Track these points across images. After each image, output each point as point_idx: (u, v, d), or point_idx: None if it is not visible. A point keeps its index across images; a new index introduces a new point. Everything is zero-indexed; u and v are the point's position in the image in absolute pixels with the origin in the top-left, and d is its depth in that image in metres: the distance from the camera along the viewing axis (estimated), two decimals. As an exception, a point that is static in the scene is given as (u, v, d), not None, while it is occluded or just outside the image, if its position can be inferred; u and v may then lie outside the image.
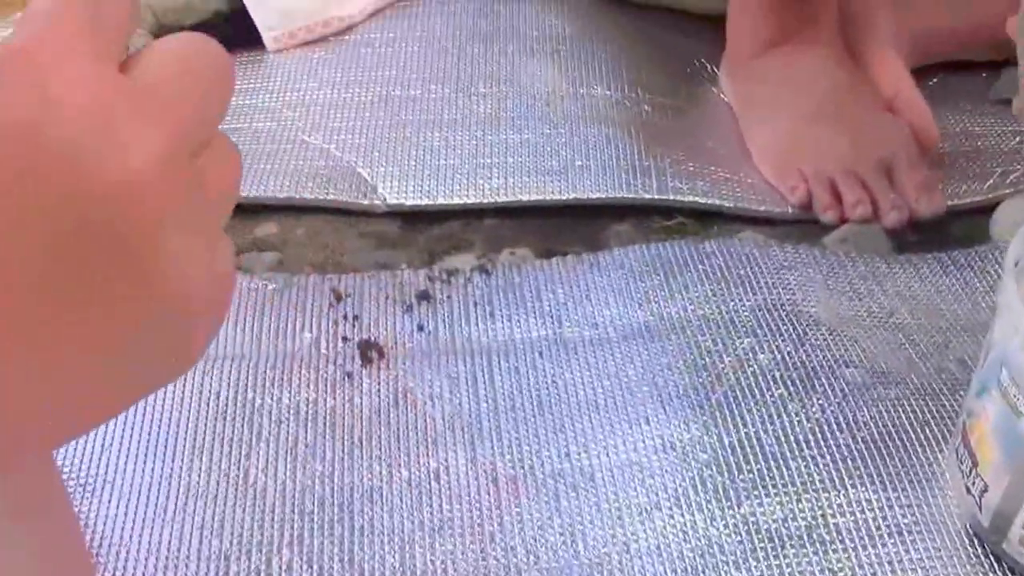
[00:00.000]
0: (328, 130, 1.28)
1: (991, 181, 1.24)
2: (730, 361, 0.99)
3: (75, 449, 0.90)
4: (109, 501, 0.87)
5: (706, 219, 1.20)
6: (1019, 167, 1.26)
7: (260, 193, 1.20)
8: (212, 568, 0.82)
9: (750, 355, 1.00)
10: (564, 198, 1.20)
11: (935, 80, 1.39)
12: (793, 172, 1.22)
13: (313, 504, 0.87)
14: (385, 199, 1.19)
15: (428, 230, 1.18)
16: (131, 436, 0.92)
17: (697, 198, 1.20)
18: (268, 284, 1.07)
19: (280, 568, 0.83)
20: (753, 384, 0.97)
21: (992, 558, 0.84)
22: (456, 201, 1.19)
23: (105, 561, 0.82)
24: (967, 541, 0.85)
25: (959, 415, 0.88)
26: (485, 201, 1.20)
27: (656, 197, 1.20)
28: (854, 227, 1.17)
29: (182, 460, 0.90)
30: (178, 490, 0.88)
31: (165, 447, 0.91)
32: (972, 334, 1.01)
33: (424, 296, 1.06)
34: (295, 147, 1.26)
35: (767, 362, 0.99)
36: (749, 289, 1.07)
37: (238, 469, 0.89)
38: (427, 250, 1.15)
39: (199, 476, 0.89)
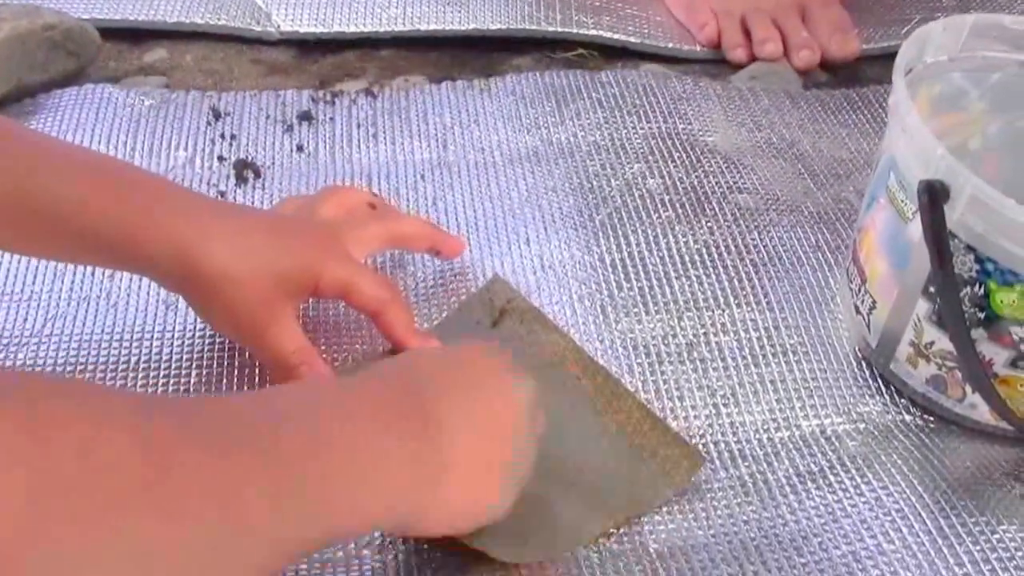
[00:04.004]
0: (222, -42, 1.22)
1: (908, 28, 1.19)
2: (617, 185, 0.95)
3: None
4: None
5: (611, 55, 1.15)
6: (939, 15, 1.21)
7: (149, 17, 1.14)
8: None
9: (639, 179, 0.96)
10: (463, 28, 1.14)
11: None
12: (703, 10, 1.17)
13: (175, 320, 0.82)
14: (279, 26, 1.14)
15: (322, 59, 1.13)
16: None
17: (602, 32, 1.15)
18: (144, 100, 1.01)
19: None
20: (640, 207, 0.93)
21: (880, 381, 0.81)
22: (352, 29, 1.14)
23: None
24: (855, 364, 0.82)
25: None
26: (382, 30, 1.14)
27: (559, 30, 1.15)
28: (763, 65, 1.13)
29: (42, 283, 0.85)
30: (38, 312, 0.83)
31: (33, 271, 0.86)
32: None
33: (306, 116, 1.01)
34: (188, -26, 1.20)
35: (656, 186, 0.95)
36: (643, 118, 1.03)
37: (99, 289, 0.85)
38: (319, 77, 1.10)
39: (59, 297, 0.84)
